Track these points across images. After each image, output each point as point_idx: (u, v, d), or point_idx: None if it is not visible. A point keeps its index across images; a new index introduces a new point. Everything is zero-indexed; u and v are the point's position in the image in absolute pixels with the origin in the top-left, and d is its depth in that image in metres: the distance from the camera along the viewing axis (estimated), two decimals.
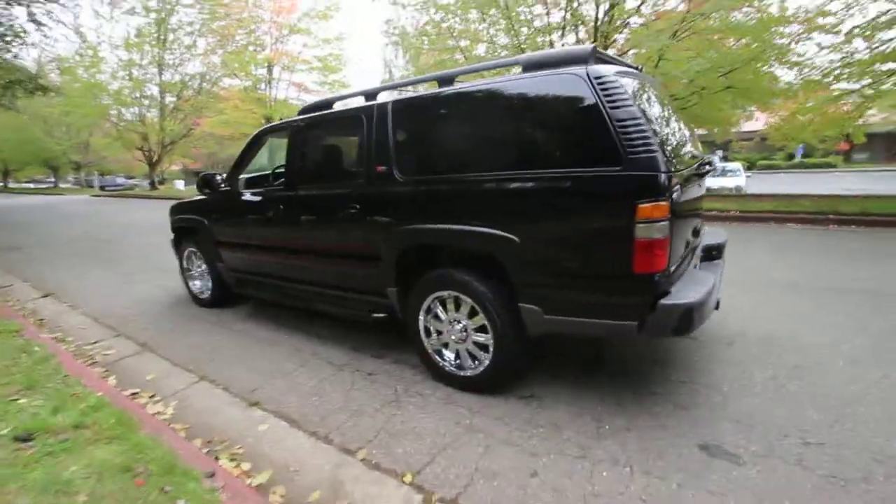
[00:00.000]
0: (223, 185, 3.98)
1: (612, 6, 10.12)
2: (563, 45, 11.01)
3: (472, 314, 2.61)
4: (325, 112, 3.35)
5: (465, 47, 12.59)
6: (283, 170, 4.37)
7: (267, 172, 4.43)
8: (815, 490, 1.84)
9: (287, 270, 3.65)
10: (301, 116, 3.45)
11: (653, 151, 2.00)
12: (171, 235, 4.92)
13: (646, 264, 2.04)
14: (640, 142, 2.00)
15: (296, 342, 3.64)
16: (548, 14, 10.79)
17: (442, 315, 2.75)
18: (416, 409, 2.59)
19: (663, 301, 2.07)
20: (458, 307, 2.67)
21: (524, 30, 11.24)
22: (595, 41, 11.05)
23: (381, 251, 2.89)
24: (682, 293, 2.14)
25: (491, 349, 2.55)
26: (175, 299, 4.99)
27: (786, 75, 10.57)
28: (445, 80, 2.76)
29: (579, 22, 10.55)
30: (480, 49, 13.05)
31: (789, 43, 9.41)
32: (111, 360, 3.51)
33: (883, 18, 8.16)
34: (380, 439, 2.34)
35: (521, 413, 2.48)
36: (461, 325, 2.68)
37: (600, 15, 10.67)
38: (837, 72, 9.34)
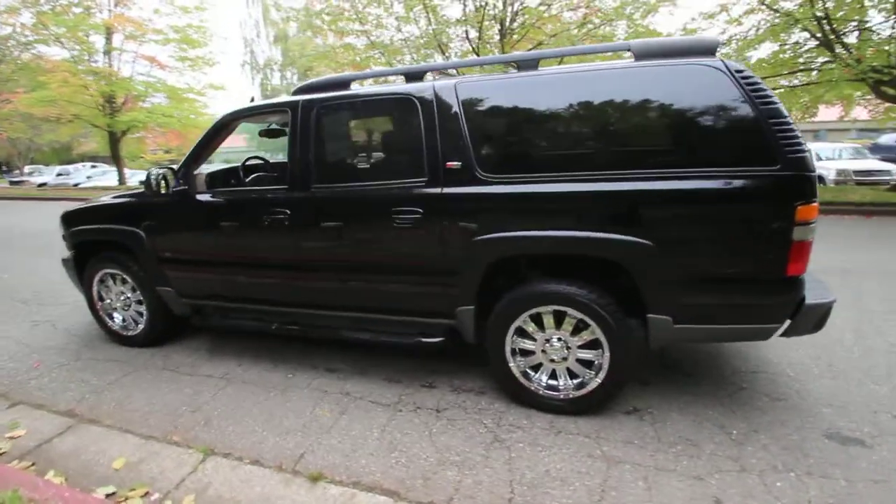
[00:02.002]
0: (177, 184, 2.95)
1: (522, 6, 10.48)
2: (477, 37, 11.04)
3: (577, 330, 2.33)
4: (353, 93, 2.66)
5: (368, 31, 11.83)
6: (256, 162, 3.50)
7: (232, 166, 3.44)
8: None
9: (292, 294, 2.87)
10: (313, 96, 2.69)
11: (805, 150, 1.95)
12: (67, 253, 3.57)
13: (798, 266, 2.00)
14: (795, 140, 1.94)
15: (309, 382, 2.90)
16: (464, 5, 10.71)
17: (536, 334, 2.40)
18: (529, 447, 2.22)
19: (809, 301, 2.06)
20: (559, 323, 2.36)
21: (428, 17, 10.98)
22: (502, 37, 11.35)
23: (457, 264, 2.41)
24: (814, 292, 2.16)
25: (605, 366, 2.30)
26: (81, 341, 3.64)
27: None
28: (527, 64, 2.38)
29: (492, 18, 10.68)
30: (383, 36, 12.42)
31: None
32: (30, 447, 2.37)
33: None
34: (522, 495, 1.93)
35: (644, 431, 2.29)
36: (561, 342, 2.37)
37: (508, 13, 10.98)
38: None
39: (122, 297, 3.43)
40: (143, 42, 16.52)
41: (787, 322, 2.13)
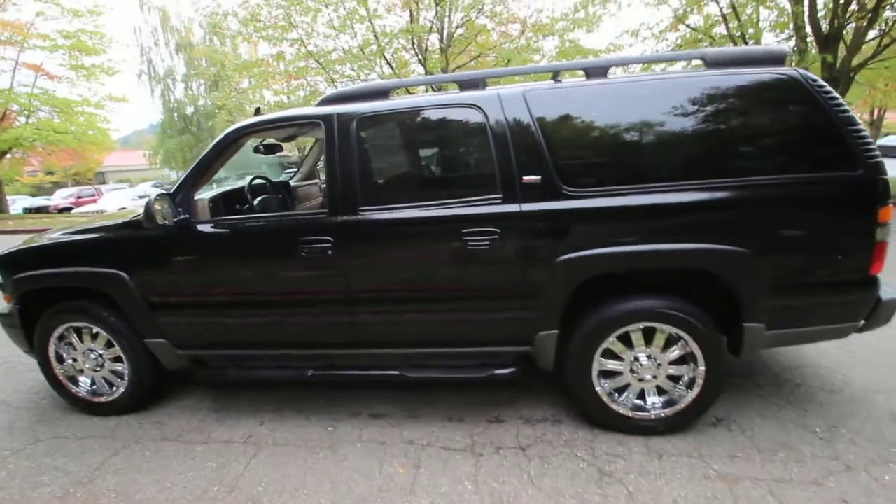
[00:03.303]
0: (176, 213, 2.42)
1: (464, 21, 10.63)
2: (424, 49, 10.94)
3: (667, 345, 2.26)
4: (403, 102, 2.37)
5: (302, 39, 11.20)
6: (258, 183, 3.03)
7: (230, 188, 2.93)
8: None
9: (334, 333, 2.48)
10: (351, 107, 2.36)
11: (878, 155, 2.05)
12: (5, 306, 2.81)
13: (879, 266, 2.09)
14: (871, 146, 2.03)
15: (358, 433, 2.51)
16: (412, 19, 10.57)
17: (624, 353, 2.29)
18: (641, 477, 2.08)
19: (885, 297, 2.16)
20: (648, 340, 2.26)
21: (373, 28, 10.71)
22: (445, 49, 11.38)
23: (538, 286, 2.22)
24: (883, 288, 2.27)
25: (699, 381, 2.24)
26: (31, 415, 2.88)
27: None
28: (596, 71, 2.28)
29: (436, 31, 10.68)
30: (319, 45, 11.85)
31: None
32: None
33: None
34: None
35: (740, 442, 2.26)
36: (650, 360, 2.28)
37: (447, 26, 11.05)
38: None
39: (91, 356, 2.76)
40: (25, 48, 14.17)
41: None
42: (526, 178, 2.18)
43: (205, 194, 2.69)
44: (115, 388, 2.79)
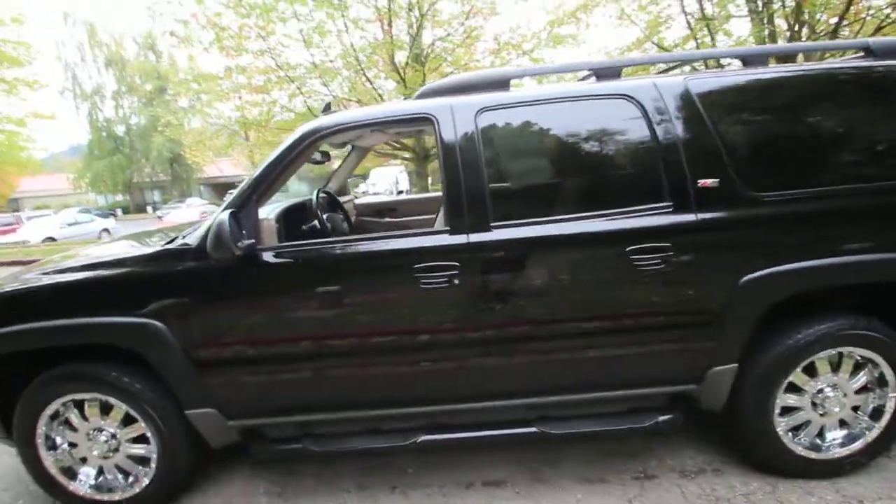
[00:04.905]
0: (240, 237, 1.78)
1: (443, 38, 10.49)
2: (407, 62, 10.57)
3: (853, 371, 1.95)
4: (538, 93, 1.92)
5: (273, 49, 10.45)
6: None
7: (301, 200, 2.31)
8: None
9: (451, 383, 1.94)
10: (468, 98, 1.89)
11: None
12: None
13: None
14: None
15: None
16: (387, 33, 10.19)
17: (807, 384, 1.95)
18: None
19: None
20: (836, 368, 1.94)
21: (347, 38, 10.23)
22: (424, 60, 11.10)
23: (718, 312, 1.84)
24: None
25: (892, 406, 1.94)
26: None
27: None
28: (756, 60, 1.98)
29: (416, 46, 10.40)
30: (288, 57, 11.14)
31: None
32: None
33: None
34: None
35: None
36: (835, 391, 1.95)
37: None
38: None
39: (101, 438, 2.00)
40: None
41: None
42: (702, 181, 1.81)
43: (264, 212, 2.07)
44: (133, 480, 2.05)
